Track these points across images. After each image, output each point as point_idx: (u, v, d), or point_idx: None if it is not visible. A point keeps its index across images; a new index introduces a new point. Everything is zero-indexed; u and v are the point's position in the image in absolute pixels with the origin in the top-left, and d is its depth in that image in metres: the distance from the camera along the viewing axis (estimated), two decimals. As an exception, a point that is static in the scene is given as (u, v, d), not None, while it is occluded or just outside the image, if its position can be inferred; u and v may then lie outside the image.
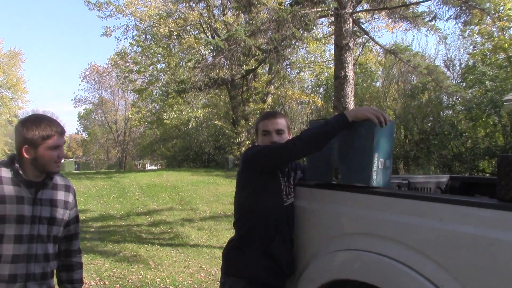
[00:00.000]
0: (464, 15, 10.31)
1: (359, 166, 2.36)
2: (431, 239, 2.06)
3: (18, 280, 2.21)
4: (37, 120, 2.30)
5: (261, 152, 2.71)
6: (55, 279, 2.49)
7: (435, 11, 10.75)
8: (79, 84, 76.35)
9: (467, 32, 22.01)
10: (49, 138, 2.26)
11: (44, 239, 2.30)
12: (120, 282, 6.35)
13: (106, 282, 6.39)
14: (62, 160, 2.45)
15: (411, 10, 11.05)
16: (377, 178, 2.33)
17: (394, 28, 20.50)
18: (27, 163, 2.28)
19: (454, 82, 23.12)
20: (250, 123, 25.92)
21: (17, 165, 2.27)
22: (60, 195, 2.43)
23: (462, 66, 24.02)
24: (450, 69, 24.34)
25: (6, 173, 2.25)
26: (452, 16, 10.41)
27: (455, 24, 11.02)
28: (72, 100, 64.80)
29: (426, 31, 11.30)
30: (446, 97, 21.44)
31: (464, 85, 22.13)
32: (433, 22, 11.09)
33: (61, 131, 2.32)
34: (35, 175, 2.31)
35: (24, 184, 2.27)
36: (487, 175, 18.73)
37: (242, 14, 20.61)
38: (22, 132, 2.26)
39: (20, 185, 2.26)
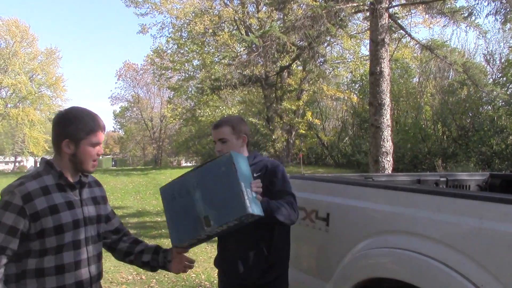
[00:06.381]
0: (503, 10, 10.03)
1: (230, 200, 2.23)
2: (470, 237, 2.01)
3: (85, 286, 2.16)
4: (80, 113, 2.17)
5: None
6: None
7: (473, 6, 10.46)
8: (116, 83, 77.53)
9: (508, 26, 21.40)
10: (92, 133, 2.15)
11: (95, 239, 2.26)
12: (157, 277, 6.43)
13: (143, 277, 6.49)
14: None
15: (448, 6, 10.80)
16: (251, 206, 2.22)
17: (431, 23, 20.08)
18: (65, 160, 2.16)
19: (494, 77, 22.54)
20: (285, 120, 25.86)
21: (58, 168, 2.16)
22: (97, 191, 2.37)
23: (503, 60, 23.36)
24: (490, 63, 23.71)
25: (49, 180, 2.12)
26: (491, 12, 10.14)
27: (494, 20, 10.67)
28: (109, 98, 65.86)
29: (466, 26, 11.00)
30: (484, 93, 20.95)
31: (505, 79, 21.53)
32: (473, 18, 10.80)
33: (104, 127, 2.21)
34: (72, 174, 2.20)
35: (69, 187, 2.17)
36: (529, 172, 18.19)
37: (276, 11, 20.56)
38: (64, 125, 2.14)
39: (65, 189, 2.15)
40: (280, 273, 2.80)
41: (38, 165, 2.21)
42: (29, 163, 61.18)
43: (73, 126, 2.12)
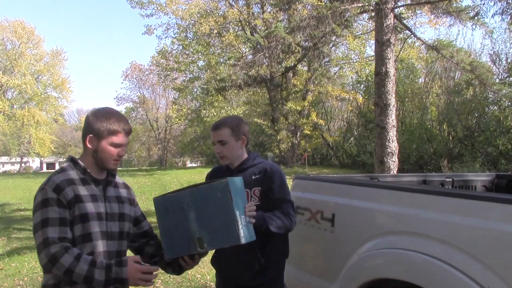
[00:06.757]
0: (510, 10, 9.97)
1: (224, 228, 2.27)
2: (476, 238, 2.01)
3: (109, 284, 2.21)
4: (108, 113, 2.31)
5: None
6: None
7: (479, 6, 10.42)
8: (122, 83, 77.83)
9: (514, 26, 21.31)
10: (114, 134, 2.26)
11: (116, 236, 2.31)
12: (162, 278, 6.44)
13: (148, 277, 6.49)
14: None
15: (454, 5, 10.76)
16: (244, 234, 2.26)
17: (437, 23, 20.02)
18: (89, 156, 2.29)
19: (500, 77, 22.46)
20: (290, 121, 25.87)
21: (82, 164, 2.28)
22: (123, 192, 2.46)
23: (509, 60, 23.27)
24: (496, 63, 23.63)
25: (74, 174, 2.24)
26: (497, 12, 10.09)
27: (501, 20, 10.65)
28: (114, 98, 66.10)
29: (472, 25, 10.95)
30: (491, 92, 20.85)
31: (511, 79, 21.44)
32: (477, 17, 10.75)
33: (128, 130, 2.32)
34: (97, 171, 2.31)
35: (93, 182, 2.28)
36: (535, 173, 18.08)
37: (281, 11, 20.55)
38: (91, 121, 2.27)
39: (90, 183, 2.27)
40: (274, 275, 2.81)
41: (41, 166, 2.26)
42: (35, 163, 61.42)
43: (98, 124, 2.25)
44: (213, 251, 3.00)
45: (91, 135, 2.25)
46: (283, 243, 2.86)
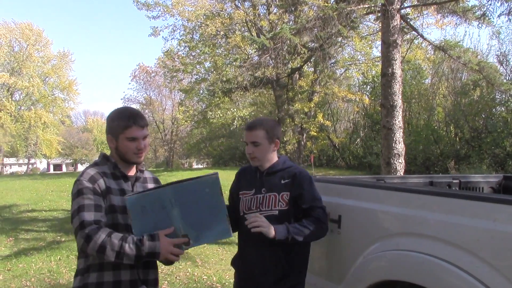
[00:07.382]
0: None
1: (214, 223, 2.28)
2: (484, 240, 1.99)
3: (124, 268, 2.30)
4: (121, 111, 2.44)
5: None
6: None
7: (485, 5, 10.38)
8: (129, 83, 78.31)
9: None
10: (127, 128, 2.34)
11: None
12: (168, 279, 6.45)
13: (155, 279, 6.50)
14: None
15: (460, 5, 10.74)
16: (230, 227, 2.30)
17: (443, 24, 19.94)
18: (113, 153, 2.42)
19: (507, 78, 22.35)
20: (296, 122, 25.86)
21: (113, 160, 2.41)
22: (150, 187, 2.52)
23: (516, 61, 23.16)
24: (504, 64, 23.51)
25: (106, 169, 2.38)
26: (504, 12, 10.04)
27: (507, 21, 10.65)
28: (121, 99, 66.31)
29: (478, 24, 10.92)
30: (499, 93, 20.74)
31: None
32: (484, 16, 10.72)
33: (141, 124, 2.38)
34: (125, 167, 2.44)
35: (123, 178, 2.41)
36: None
37: (287, 13, 20.54)
38: (107, 122, 2.42)
39: (120, 178, 2.40)
40: (296, 282, 2.78)
41: (48, 167, 2.33)
42: (42, 165, 61.71)
43: (114, 123, 2.39)
44: (236, 251, 3.00)
45: (109, 135, 2.40)
46: (306, 249, 2.85)
